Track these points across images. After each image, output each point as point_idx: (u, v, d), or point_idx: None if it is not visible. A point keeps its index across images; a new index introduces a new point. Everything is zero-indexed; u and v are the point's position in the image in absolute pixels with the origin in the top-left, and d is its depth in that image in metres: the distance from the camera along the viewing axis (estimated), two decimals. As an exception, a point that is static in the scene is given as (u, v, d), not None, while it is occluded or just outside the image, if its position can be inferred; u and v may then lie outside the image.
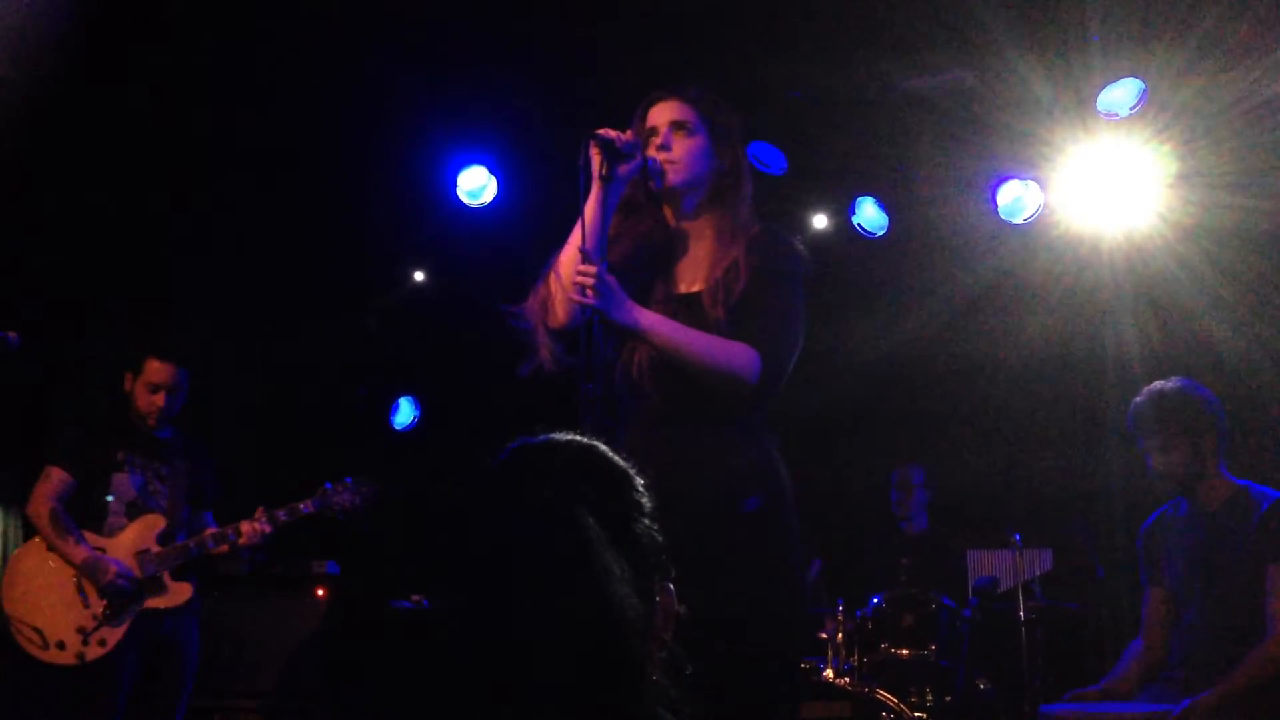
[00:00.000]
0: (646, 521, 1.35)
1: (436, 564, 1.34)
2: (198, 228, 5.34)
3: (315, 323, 5.82)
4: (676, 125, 2.53)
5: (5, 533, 5.16)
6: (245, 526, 4.11)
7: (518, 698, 1.20)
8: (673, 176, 2.51)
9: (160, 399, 4.15)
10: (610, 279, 2.33)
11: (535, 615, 1.22)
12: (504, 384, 2.64)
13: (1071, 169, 5.02)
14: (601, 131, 2.41)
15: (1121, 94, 4.71)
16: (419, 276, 6.26)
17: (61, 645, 3.92)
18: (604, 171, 2.40)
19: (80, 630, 3.94)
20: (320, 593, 5.18)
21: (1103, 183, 4.94)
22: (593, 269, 2.30)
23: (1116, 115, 4.75)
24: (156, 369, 4.15)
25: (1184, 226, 4.80)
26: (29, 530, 4.23)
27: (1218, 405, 3.35)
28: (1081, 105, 4.78)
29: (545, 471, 1.35)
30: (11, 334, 3.27)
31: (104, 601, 3.97)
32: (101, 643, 3.95)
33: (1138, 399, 3.42)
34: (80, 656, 3.91)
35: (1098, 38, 4.56)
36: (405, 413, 6.32)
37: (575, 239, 2.42)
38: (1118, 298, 5.09)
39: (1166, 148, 4.75)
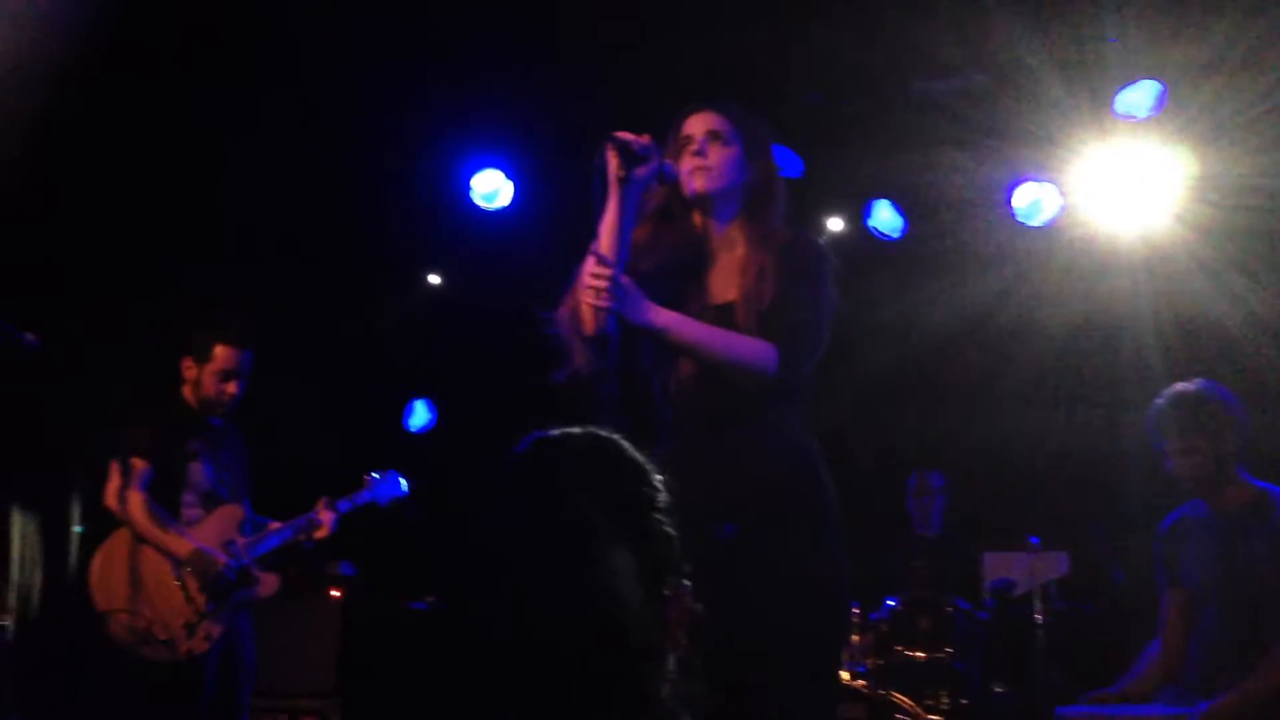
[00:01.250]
0: (660, 517, 1.34)
1: (444, 559, 1.35)
2: (212, 230, 5.36)
3: (331, 325, 5.84)
4: (712, 135, 2.55)
5: (25, 536, 5.16)
6: (320, 515, 4.08)
7: (517, 693, 1.20)
8: (708, 183, 2.53)
9: (233, 386, 4.06)
10: (625, 280, 2.34)
11: (531, 607, 1.22)
12: (519, 386, 2.65)
13: (1089, 171, 5.01)
14: (618, 134, 2.42)
15: (1139, 95, 4.71)
16: (434, 279, 6.28)
17: (170, 642, 3.80)
18: (621, 174, 2.41)
19: (187, 625, 3.84)
20: (335, 593, 5.20)
21: (1121, 185, 4.93)
22: (607, 271, 2.31)
23: (1134, 117, 4.74)
24: (227, 354, 4.05)
25: (1203, 228, 4.78)
26: (93, 528, 4.15)
27: (1239, 407, 3.33)
28: (1099, 107, 4.77)
29: (554, 462, 1.35)
30: (30, 335, 3.25)
31: (204, 595, 3.88)
32: (208, 637, 3.86)
33: (1158, 400, 3.40)
34: (189, 653, 3.81)
35: (1115, 39, 4.55)
36: (420, 415, 6.34)
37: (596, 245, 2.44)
38: (1136, 300, 5.07)
39: (1185, 149, 4.73)
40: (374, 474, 4.27)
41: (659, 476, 1.38)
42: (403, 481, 4.34)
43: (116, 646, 3.82)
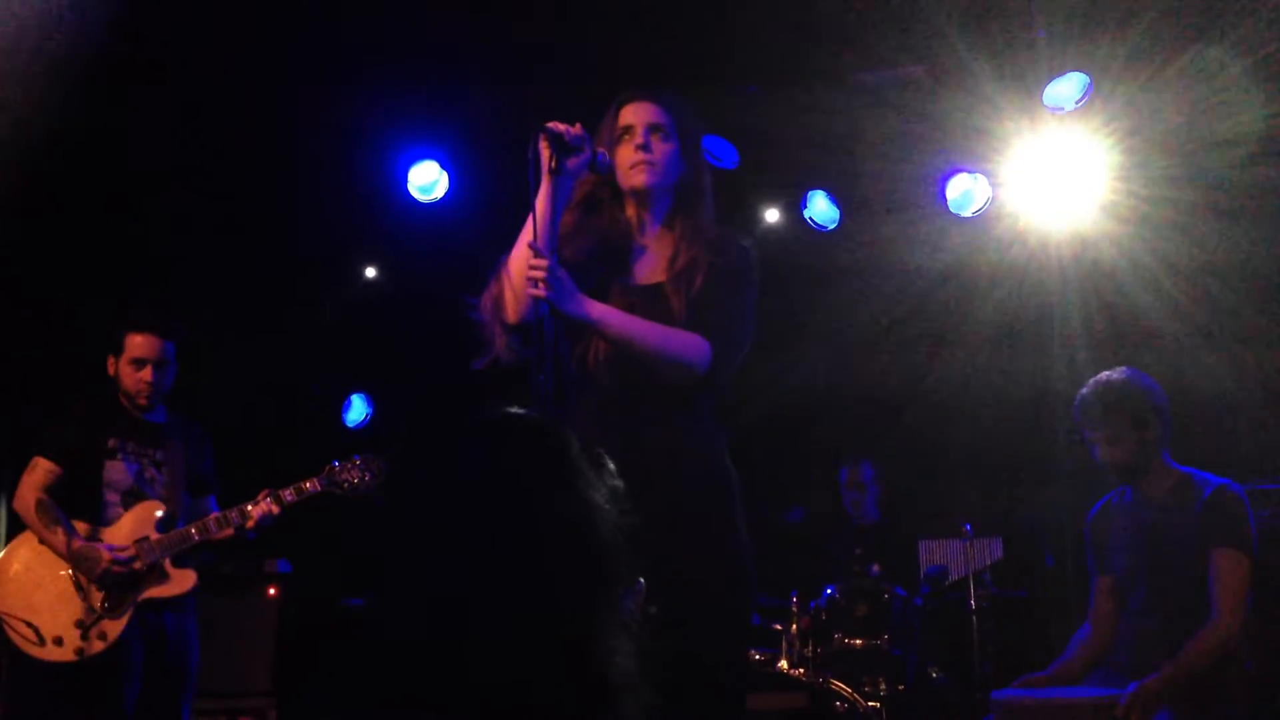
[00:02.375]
0: (610, 508, 1.31)
1: (390, 541, 1.30)
2: (144, 225, 5.26)
3: (267, 320, 5.76)
4: (654, 128, 2.55)
5: None
6: (252, 509, 3.94)
7: (462, 683, 1.17)
8: (650, 178, 2.54)
9: (147, 374, 3.98)
10: (561, 272, 2.34)
11: (483, 593, 1.18)
12: (456, 380, 2.63)
13: (1019, 162, 5.08)
14: (550, 125, 2.41)
15: (1067, 88, 4.79)
16: (371, 273, 6.22)
17: (59, 641, 3.75)
18: (553, 165, 2.41)
19: (79, 624, 3.78)
20: (272, 592, 5.14)
21: (1049, 175, 5.01)
22: (544, 262, 2.31)
23: (1062, 109, 4.82)
24: (138, 343, 3.98)
25: (1128, 219, 4.88)
26: (17, 528, 4.06)
27: (1162, 395, 3.40)
28: (1029, 99, 4.84)
29: (510, 441, 1.31)
30: None
31: (102, 593, 3.81)
32: (102, 636, 3.79)
33: (1084, 390, 3.46)
34: (80, 652, 3.75)
35: (1043, 32, 4.62)
36: (358, 409, 6.27)
37: (526, 235, 2.42)
38: (1065, 290, 5.16)
39: (1110, 141, 4.83)
40: (335, 462, 4.09)
41: (612, 467, 1.37)
42: (376, 468, 4.11)
43: (15, 650, 3.79)
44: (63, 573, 3.85)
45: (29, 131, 4.32)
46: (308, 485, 4.02)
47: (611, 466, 1.37)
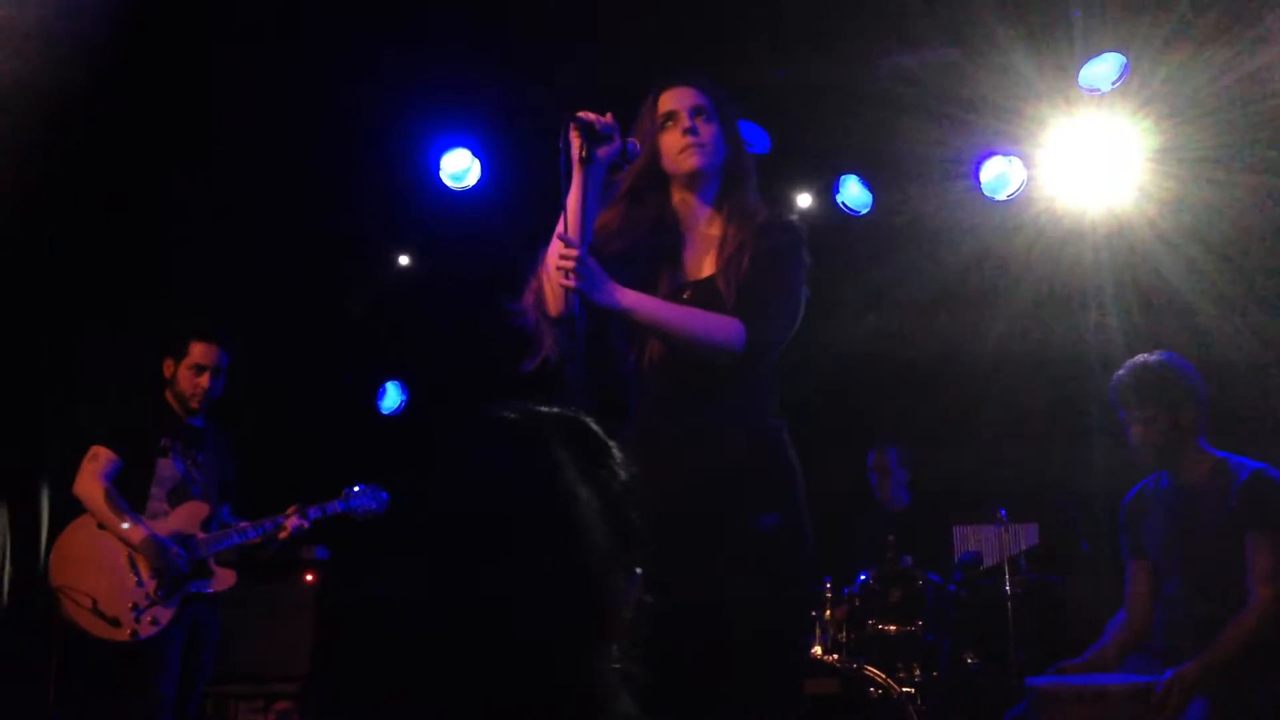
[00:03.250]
0: (619, 505, 1.34)
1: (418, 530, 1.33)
2: (180, 215, 5.31)
3: (301, 308, 5.81)
4: (697, 110, 2.55)
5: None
6: (285, 521, 4.22)
7: (466, 662, 1.20)
8: (701, 159, 2.53)
9: (205, 380, 4.25)
10: (592, 261, 2.33)
11: (513, 576, 1.22)
12: (491, 367, 2.65)
13: (1054, 145, 5.03)
14: (581, 114, 2.41)
15: (1103, 69, 4.72)
16: (404, 260, 6.25)
17: (116, 621, 3.94)
18: (583, 154, 2.40)
19: (134, 607, 3.98)
20: (309, 578, 5.19)
21: (1085, 158, 4.95)
22: (574, 251, 2.30)
23: (1098, 90, 4.77)
24: (202, 350, 4.26)
25: (1164, 201, 4.82)
26: (60, 511, 4.26)
27: (1198, 379, 3.37)
28: (1064, 80, 4.79)
29: (534, 434, 1.34)
30: None
31: (155, 581, 4.02)
32: (154, 621, 3.99)
33: (1120, 372, 3.43)
34: (134, 634, 3.95)
35: (1079, 13, 4.57)
36: (392, 397, 6.32)
37: (560, 228, 2.42)
38: (1100, 272, 5.11)
39: (1148, 123, 4.76)
40: (354, 488, 4.39)
41: (620, 459, 1.39)
42: (381, 497, 4.43)
43: (66, 621, 3.95)
44: (122, 557, 4.04)
45: (54, 117, 4.38)
46: (328, 506, 4.32)
47: (618, 457, 1.39)
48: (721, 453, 2.39)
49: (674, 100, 2.56)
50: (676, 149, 2.53)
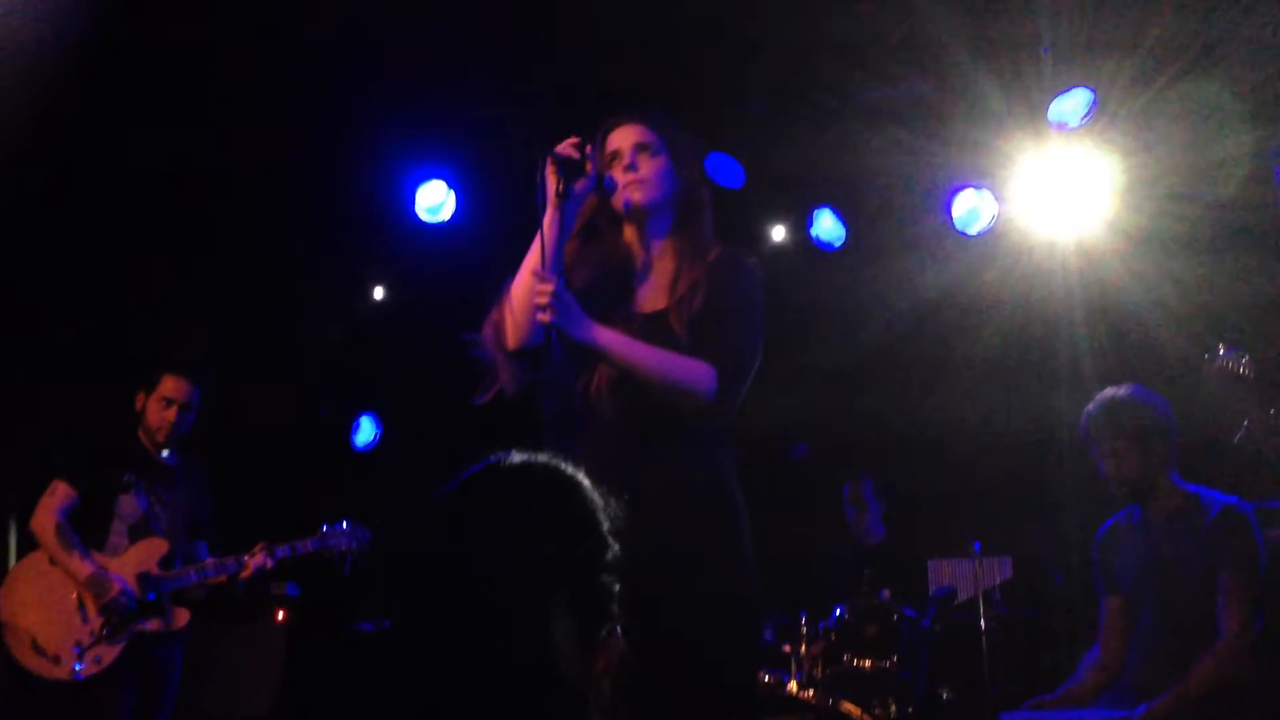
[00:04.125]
0: (607, 576, 1.35)
1: (396, 582, 1.34)
2: (155, 246, 5.29)
3: (275, 340, 5.78)
4: (640, 147, 2.56)
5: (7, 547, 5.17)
6: (249, 560, 4.12)
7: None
8: (641, 196, 2.54)
9: (172, 414, 4.19)
10: (568, 296, 2.34)
11: (475, 640, 1.22)
12: (466, 400, 2.64)
13: (1024, 178, 5.08)
14: (559, 149, 2.42)
15: (1072, 104, 4.79)
16: (379, 293, 6.23)
17: (56, 659, 3.88)
18: (560, 189, 2.41)
19: (77, 645, 3.91)
20: (280, 615, 5.13)
21: (1055, 192, 5.01)
22: (550, 286, 2.31)
23: (1067, 125, 4.82)
24: (172, 385, 4.21)
25: (1133, 235, 4.87)
26: (27, 544, 4.20)
27: (1169, 412, 3.39)
28: (1034, 115, 4.84)
29: (514, 494, 1.34)
30: None
31: (102, 619, 3.95)
32: (97, 660, 3.92)
33: (1090, 407, 3.45)
34: (73, 673, 3.88)
35: (1048, 49, 4.63)
36: (366, 431, 6.28)
37: (529, 263, 2.44)
38: (1070, 306, 5.15)
39: (1115, 157, 4.82)
40: (334, 525, 4.29)
41: (608, 523, 1.39)
42: (363, 535, 4.32)
43: (8, 658, 3.89)
44: (69, 595, 3.98)
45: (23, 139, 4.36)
46: (298, 545, 4.21)
47: (604, 507, 1.39)
48: (670, 481, 2.37)
49: (619, 138, 2.58)
50: (620, 186, 2.54)
